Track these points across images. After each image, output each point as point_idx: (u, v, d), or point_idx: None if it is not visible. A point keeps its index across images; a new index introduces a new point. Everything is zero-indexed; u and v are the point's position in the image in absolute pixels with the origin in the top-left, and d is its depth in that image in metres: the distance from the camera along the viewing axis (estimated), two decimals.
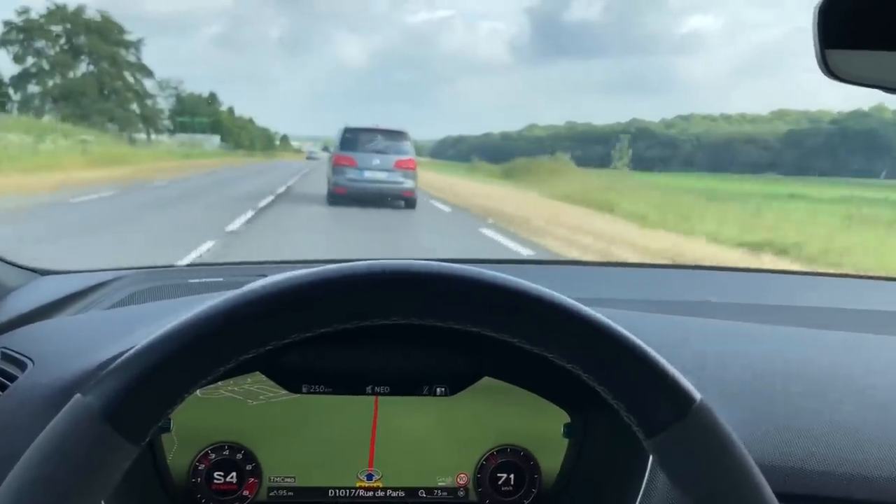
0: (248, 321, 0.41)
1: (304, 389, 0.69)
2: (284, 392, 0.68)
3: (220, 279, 1.02)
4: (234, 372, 0.67)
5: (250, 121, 57.69)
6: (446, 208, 11.24)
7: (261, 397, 0.68)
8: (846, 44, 0.51)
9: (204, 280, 1.01)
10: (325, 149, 14.93)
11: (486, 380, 0.70)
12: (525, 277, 0.44)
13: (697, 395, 0.43)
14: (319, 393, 0.69)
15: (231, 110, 54.15)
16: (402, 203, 10.11)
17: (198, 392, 0.63)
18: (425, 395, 0.70)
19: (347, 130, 10.57)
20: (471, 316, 0.43)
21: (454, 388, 0.70)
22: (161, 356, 0.40)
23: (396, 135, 10.67)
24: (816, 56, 0.51)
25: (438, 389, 0.70)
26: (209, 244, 5.97)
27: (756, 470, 0.43)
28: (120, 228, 7.16)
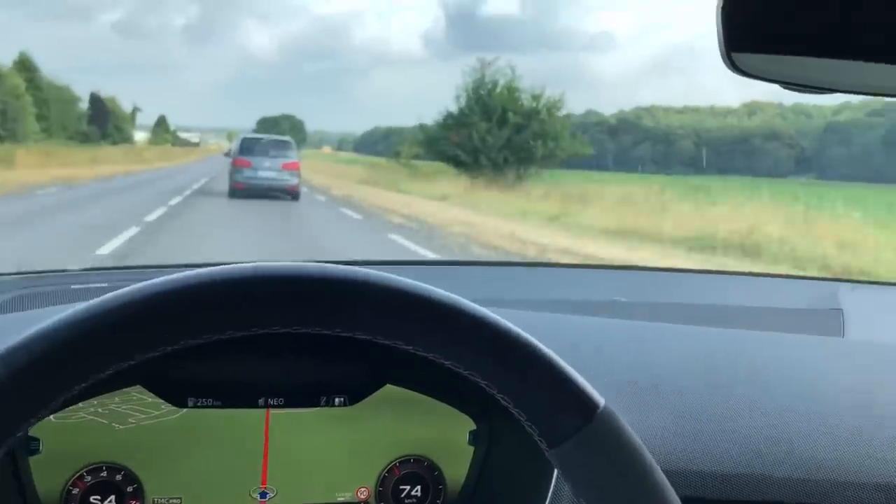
0: (104, 333, 0.42)
1: (190, 403, 0.71)
2: (163, 408, 0.70)
3: (106, 284, 1.01)
4: (112, 384, 0.68)
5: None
6: None
7: (130, 420, 0.70)
8: (750, 46, 0.59)
9: (88, 286, 1.01)
10: (227, 154, 19.29)
11: (387, 388, 0.75)
12: (425, 280, 0.47)
13: (601, 401, 0.48)
14: (207, 407, 0.71)
15: None
16: (289, 196, 14.71)
17: (51, 417, 0.67)
18: (323, 406, 0.74)
19: (245, 140, 16.27)
20: (355, 322, 0.45)
21: (354, 397, 0.75)
22: (13, 367, 0.41)
23: (284, 143, 16.43)
24: (721, 54, 0.59)
25: (337, 400, 0.75)
26: None
27: (662, 477, 0.48)
28: None
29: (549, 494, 0.66)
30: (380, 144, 54.02)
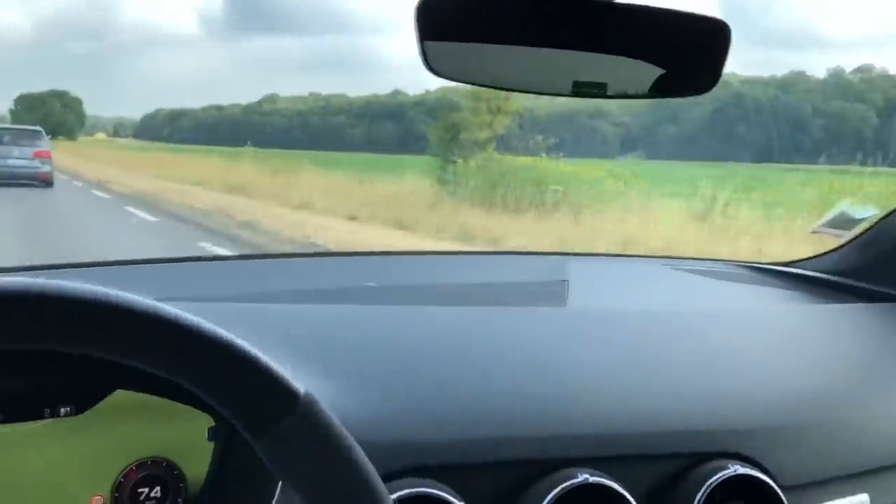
0: None
1: None
2: None
3: None
4: None
5: None
6: None
7: None
8: (443, 37, 0.69)
9: None
10: None
11: (118, 393, 0.78)
12: (178, 278, 0.58)
13: (301, 390, 0.54)
14: None
15: None
16: (42, 183, 15.94)
17: None
18: (48, 418, 0.77)
19: None
20: (32, 334, 0.49)
21: (81, 406, 0.78)
22: None
23: (34, 133, 17.79)
24: (419, 50, 0.68)
25: (63, 410, 0.77)
26: None
27: (363, 458, 0.55)
28: None
29: (279, 486, 0.72)
30: (165, 129, 50.91)
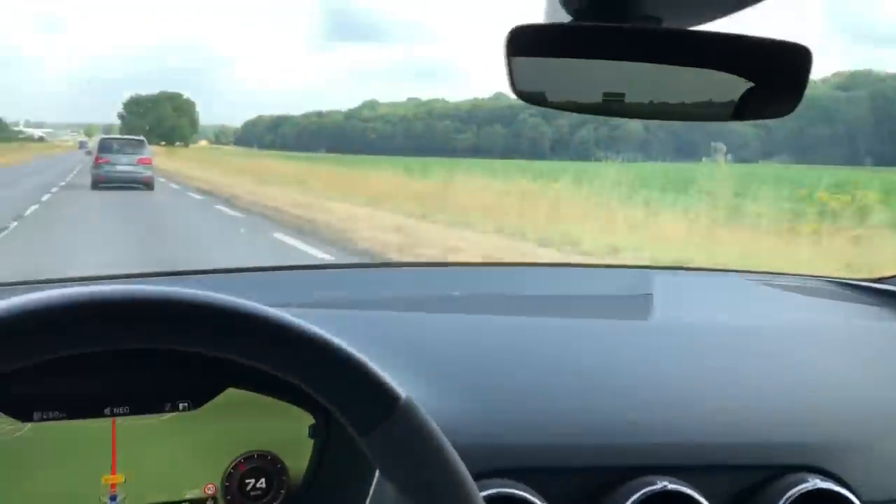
0: None
1: (35, 417, 0.84)
2: (5, 425, 0.83)
3: None
4: None
5: None
6: None
7: None
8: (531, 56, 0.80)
9: None
10: (81, 146, 27.12)
11: (229, 391, 0.92)
12: (270, 286, 0.83)
13: (402, 394, 0.63)
14: (53, 419, 0.85)
15: None
16: (143, 186, 19.35)
17: None
18: (167, 412, 0.90)
19: (103, 140, 22.80)
20: (159, 335, 0.58)
21: (197, 401, 0.92)
22: None
23: (138, 142, 22.18)
24: (507, 75, 0.77)
25: (181, 405, 0.91)
26: None
27: (456, 458, 0.64)
28: None
29: (375, 481, 0.85)
30: (268, 136, 52.87)
